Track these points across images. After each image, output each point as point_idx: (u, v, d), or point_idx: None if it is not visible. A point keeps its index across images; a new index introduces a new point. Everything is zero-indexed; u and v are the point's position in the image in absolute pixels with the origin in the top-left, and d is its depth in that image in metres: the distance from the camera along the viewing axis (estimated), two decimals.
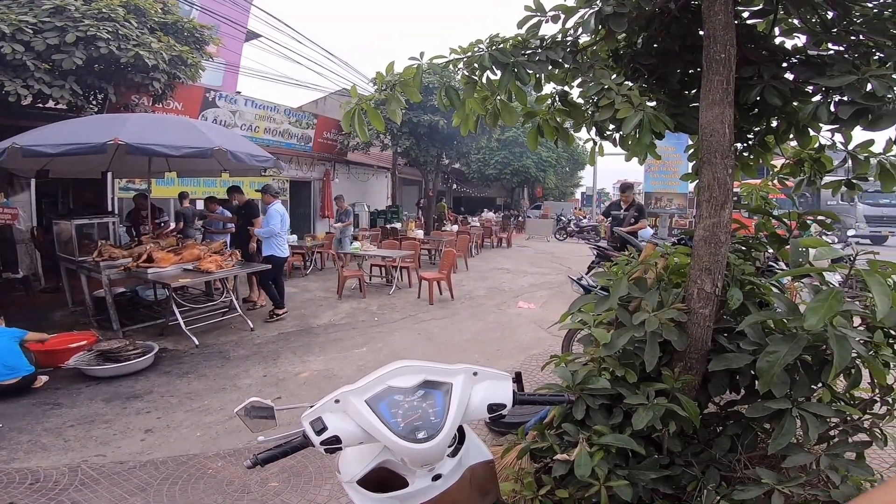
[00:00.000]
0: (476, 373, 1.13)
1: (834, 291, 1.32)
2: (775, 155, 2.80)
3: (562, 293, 8.34)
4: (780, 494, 1.43)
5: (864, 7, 1.91)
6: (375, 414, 1.01)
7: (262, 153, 6.22)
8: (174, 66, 7.18)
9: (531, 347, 5.31)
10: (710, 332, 1.91)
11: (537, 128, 2.52)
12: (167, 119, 6.68)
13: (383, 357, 4.94)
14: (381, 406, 1.02)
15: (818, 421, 1.53)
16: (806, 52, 2.17)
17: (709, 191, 1.85)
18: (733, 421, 1.98)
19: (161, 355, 4.83)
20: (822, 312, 1.28)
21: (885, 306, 1.16)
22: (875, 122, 1.69)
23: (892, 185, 2.30)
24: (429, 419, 1.02)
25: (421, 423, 1.01)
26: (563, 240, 19.78)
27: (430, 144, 14.15)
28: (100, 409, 3.70)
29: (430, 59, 2.13)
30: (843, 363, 1.31)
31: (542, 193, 28.71)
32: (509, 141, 21.03)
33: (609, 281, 2.10)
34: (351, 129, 2.31)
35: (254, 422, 1.13)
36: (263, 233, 6.37)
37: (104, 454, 3.07)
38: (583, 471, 1.54)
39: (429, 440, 0.98)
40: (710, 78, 1.79)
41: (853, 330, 1.49)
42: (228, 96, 11.58)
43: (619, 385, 1.75)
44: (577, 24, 2.06)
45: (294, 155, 13.33)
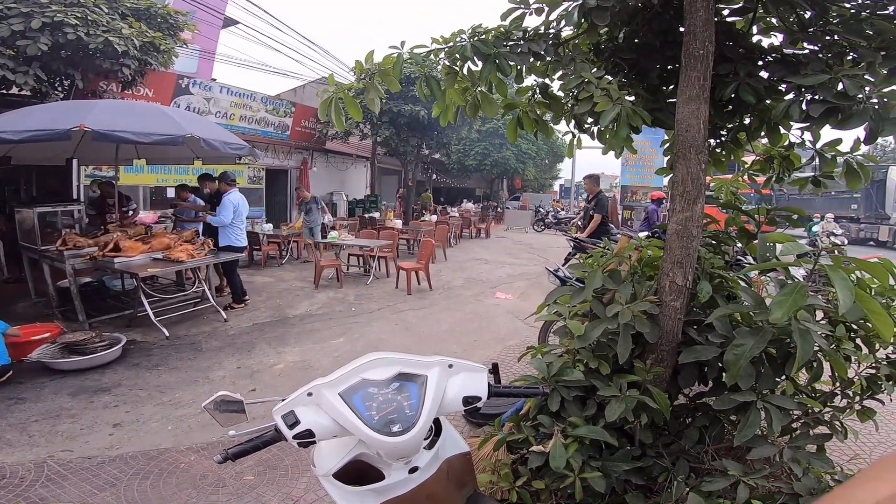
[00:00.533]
0: (451, 365, 1.13)
1: (798, 286, 1.36)
2: (746, 151, 2.87)
3: (539, 284, 8.43)
4: (745, 486, 1.48)
5: (842, 7, 1.96)
6: (349, 407, 0.99)
7: (236, 141, 6.05)
8: (146, 53, 6.99)
9: (508, 338, 5.36)
10: (681, 325, 1.95)
11: (517, 119, 2.52)
12: (136, 105, 6.44)
13: (360, 348, 4.91)
14: (354, 399, 1.01)
15: (782, 413, 1.59)
16: (782, 51, 2.22)
17: (682, 185, 1.88)
18: (702, 413, 2.04)
19: (129, 347, 4.69)
20: (787, 306, 1.32)
21: (848, 301, 1.20)
22: (845, 120, 1.74)
23: (858, 183, 2.38)
24: (403, 412, 1.01)
25: (396, 416, 1.00)
26: (542, 231, 19.97)
27: (411, 134, 14.03)
28: (65, 404, 3.58)
29: (410, 49, 2.10)
30: (805, 356, 1.35)
31: (522, 185, 28.88)
32: (490, 132, 21.02)
33: (584, 273, 2.12)
34: (328, 118, 2.26)
35: (224, 416, 1.10)
36: (214, 221, 6.24)
37: (71, 449, 2.98)
38: (558, 462, 1.57)
39: (404, 433, 0.97)
40: (688, 74, 1.81)
41: (816, 324, 1.55)
42: (203, 83, 11.24)
43: (593, 377, 1.78)
44: (560, 17, 2.06)
45: (271, 143, 13.04)
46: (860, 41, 1.78)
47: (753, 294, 1.70)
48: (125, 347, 4.57)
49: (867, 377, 1.86)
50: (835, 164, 2.39)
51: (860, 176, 2.34)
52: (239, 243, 6.38)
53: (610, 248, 2.18)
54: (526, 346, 4.88)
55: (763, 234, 2.15)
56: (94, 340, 4.33)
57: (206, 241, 6.09)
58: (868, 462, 2.78)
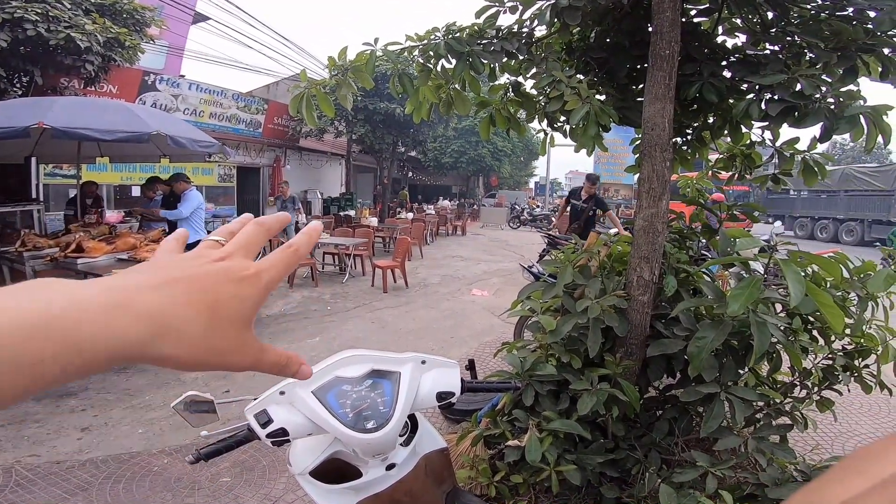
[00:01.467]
0: (424, 361, 1.14)
1: (754, 279, 1.42)
2: (711, 150, 2.97)
3: (514, 280, 8.51)
4: (713, 477, 1.54)
5: (802, 8, 2.04)
6: (323, 404, 0.99)
7: (205, 138, 5.91)
8: (110, 49, 6.78)
9: (484, 334, 5.41)
10: (649, 319, 2.01)
11: (490, 117, 2.54)
12: (99, 102, 6.23)
13: (337, 346, 4.87)
14: (328, 396, 1.01)
15: (744, 405, 1.66)
16: (744, 51, 2.30)
17: (648, 182, 1.94)
18: (671, 405, 2.10)
19: None
20: (743, 299, 1.38)
21: (799, 294, 1.26)
22: (801, 119, 1.81)
23: (814, 180, 2.50)
24: (377, 408, 1.01)
25: (370, 413, 1.00)
26: (517, 228, 20.15)
27: (386, 132, 13.94)
28: (30, 409, 3.44)
29: (384, 46, 2.09)
30: (762, 348, 1.42)
31: (498, 182, 29.07)
32: (466, 130, 21.06)
33: (556, 268, 2.17)
34: (299, 115, 2.24)
35: (194, 416, 1.08)
36: (171, 214, 6.05)
37: (38, 454, 2.89)
38: (533, 456, 1.60)
39: (378, 430, 0.98)
40: (655, 73, 1.86)
41: (773, 316, 1.62)
42: (170, 80, 10.91)
43: (565, 371, 1.82)
44: (533, 16, 2.08)
45: (242, 140, 12.76)
46: (817, 42, 1.86)
47: (714, 288, 1.77)
48: None
49: (824, 368, 1.95)
50: (793, 161, 2.50)
51: (816, 173, 2.46)
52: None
53: (580, 245, 2.23)
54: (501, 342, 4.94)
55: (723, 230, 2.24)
56: None
57: None
58: (830, 452, 2.92)
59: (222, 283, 0.34)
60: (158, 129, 4.98)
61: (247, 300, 0.35)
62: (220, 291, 0.34)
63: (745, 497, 1.56)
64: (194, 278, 0.33)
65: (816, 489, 0.27)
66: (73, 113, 4.81)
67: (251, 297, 0.35)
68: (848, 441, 3.19)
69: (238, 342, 0.35)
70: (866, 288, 1.79)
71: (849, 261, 1.96)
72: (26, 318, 0.26)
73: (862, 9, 1.92)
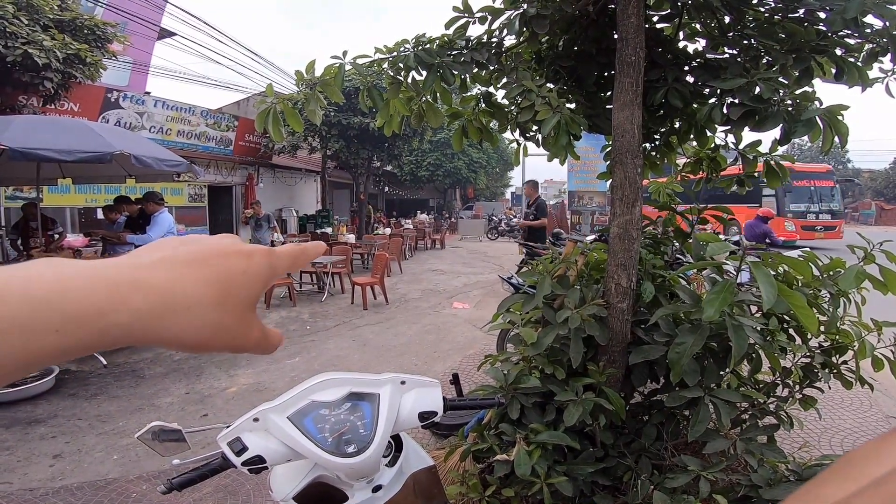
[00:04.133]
0: (404, 381, 1.10)
1: (727, 283, 1.43)
2: (678, 154, 3.03)
3: (495, 292, 8.51)
4: (706, 481, 1.52)
5: (757, 12, 2.10)
6: (300, 430, 0.96)
7: (172, 157, 5.75)
8: (70, 65, 6.57)
9: (467, 347, 5.36)
10: (629, 325, 2.01)
11: (462, 128, 2.54)
12: (58, 121, 6.00)
13: (318, 367, 4.74)
14: (305, 421, 0.98)
15: (729, 406, 1.66)
16: (704, 56, 2.36)
17: (621, 189, 1.95)
18: (657, 410, 2.09)
19: (63, 377, 4.35)
20: (717, 304, 1.38)
21: (771, 296, 1.26)
22: (761, 123, 1.85)
23: (777, 182, 2.57)
24: (358, 432, 0.99)
25: (350, 437, 0.97)
26: (495, 239, 20.27)
27: (361, 147, 13.89)
28: None
29: (353, 59, 2.06)
30: (741, 350, 1.42)
31: (474, 194, 29.27)
32: (441, 142, 21.19)
33: (535, 280, 2.15)
34: (265, 131, 2.19)
35: (164, 445, 1.03)
36: (138, 239, 5.79)
37: (10, 481, 2.77)
38: (523, 470, 1.56)
39: (359, 454, 0.95)
40: (622, 80, 1.88)
41: (749, 318, 1.63)
42: (135, 97, 10.65)
43: (550, 382, 1.79)
44: (502, 26, 2.09)
45: (213, 158, 12.51)
46: (773, 44, 1.92)
47: (690, 292, 1.78)
48: (59, 377, 4.24)
49: (803, 366, 1.97)
50: (755, 164, 2.56)
51: (779, 175, 2.53)
52: None
53: (558, 254, 2.22)
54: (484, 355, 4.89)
55: (696, 234, 2.26)
56: None
57: None
58: (818, 449, 2.96)
59: (233, 258, 0.34)
60: (122, 149, 4.82)
61: (254, 277, 0.34)
62: (232, 267, 0.33)
63: (739, 499, 1.55)
64: (208, 254, 0.33)
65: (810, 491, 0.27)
66: (32, 132, 4.62)
67: (259, 275, 0.35)
68: (834, 437, 3.24)
69: (245, 321, 0.34)
70: (837, 285, 1.83)
71: (818, 259, 2.00)
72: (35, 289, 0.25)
73: (813, 10, 1.99)
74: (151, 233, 5.76)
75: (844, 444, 3.18)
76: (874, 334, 2.02)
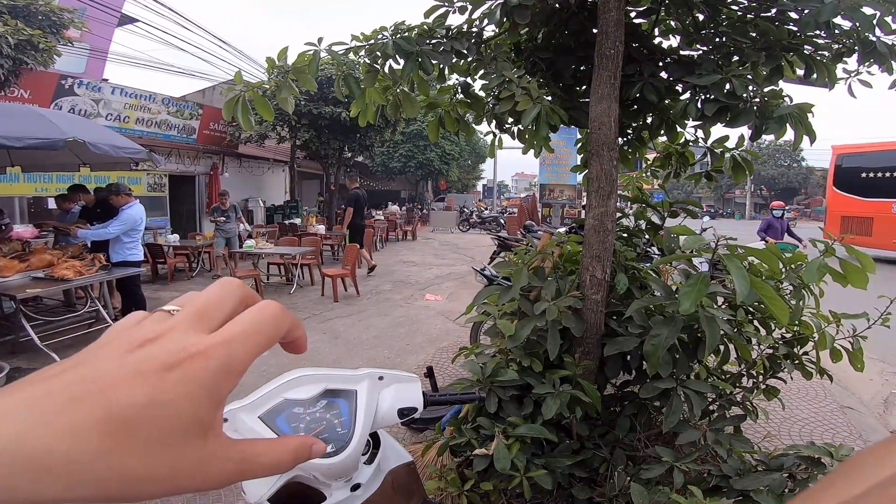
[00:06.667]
0: (382, 377, 1.07)
1: (701, 276, 1.46)
2: (648, 149, 3.09)
3: (467, 284, 8.54)
4: (679, 472, 1.56)
5: (730, 10, 2.14)
6: (272, 430, 0.91)
7: (130, 145, 5.48)
8: (21, 51, 6.23)
9: (440, 340, 5.35)
10: (603, 317, 2.04)
11: (439, 119, 2.50)
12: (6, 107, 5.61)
13: (287, 361, 4.63)
14: (278, 421, 0.93)
15: (699, 397, 1.70)
16: (678, 52, 2.39)
17: (597, 181, 1.96)
18: (629, 401, 2.13)
19: (14, 376, 4.09)
20: (693, 296, 1.41)
21: (744, 289, 1.30)
22: (734, 119, 1.89)
23: (743, 177, 2.65)
24: (335, 430, 0.95)
25: (327, 436, 0.93)
26: (467, 231, 20.32)
27: (332, 137, 13.58)
28: None
29: (328, 46, 1.98)
30: (714, 342, 1.46)
31: (447, 186, 29.22)
32: (413, 134, 21.00)
33: (511, 271, 2.15)
34: (234, 119, 2.09)
35: None
36: (91, 234, 5.47)
37: None
38: (503, 464, 1.56)
39: (337, 453, 0.91)
40: (601, 73, 1.88)
41: (720, 310, 1.68)
42: (90, 83, 10.09)
43: (526, 375, 1.79)
44: (482, 16, 2.06)
45: (174, 147, 11.99)
46: (745, 42, 1.96)
47: (663, 285, 1.81)
48: (9, 376, 3.99)
49: (767, 357, 2.04)
50: (723, 159, 2.64)
51: (745, 169, 2.61)
52: (134, 258, 5.72)
53: (533, 246, 2.22)
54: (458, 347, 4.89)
55: (668, 227, 2.31)
56: None
57: (96, 257, 5.42)
58: (779, 440, 3.09)
59: (125, 390, 0.23)
60: (75, 136, 4.56)
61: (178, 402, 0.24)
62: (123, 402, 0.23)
63: (710, 489, 1.59)
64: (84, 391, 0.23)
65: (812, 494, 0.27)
66: None
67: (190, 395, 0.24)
68: (793, 427, 3.39)
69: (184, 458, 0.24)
70: (800, 278, 1.90)
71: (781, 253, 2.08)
72: None
73: (785, 9, 2.05)
74: (111, 227, 5.44)
75: (803, 433, 3.34)
76: (832, 326, 2.12)
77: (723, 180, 4.62)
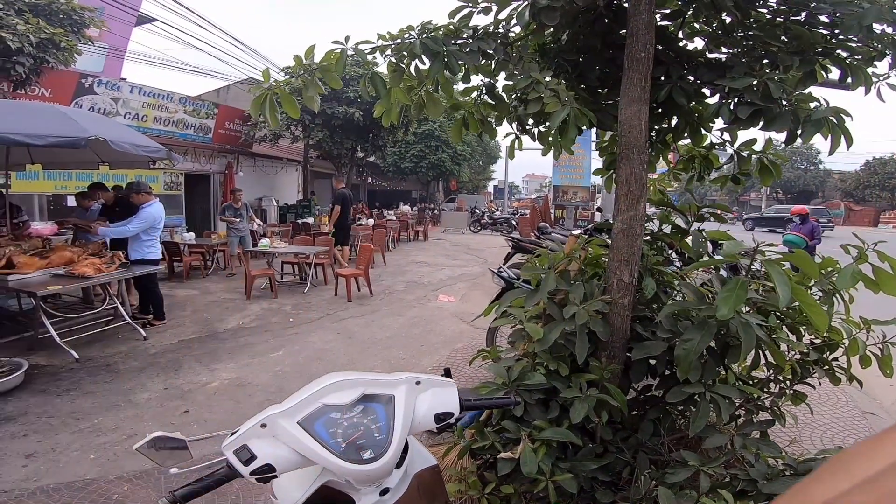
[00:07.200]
0: (419, 382, 1.07)
1: (739, 281, 1.43)
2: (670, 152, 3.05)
3: (480, 285, 8.52)
4: (705, 476, 1.53)
5: (759, 13, 2.10)
6: (312, 436, 0.90)
7: (150, 143, 5.54)
8: (43, 50, 6.35)
9: (455, 341, 5.34)
10: (629, 321, 2.01)
11: (462, 120, 2.49)
12: (29, 105, 5.72)
13: (302, 360, 4.65)
14: (316, 426, 0.92)
15: (728, 402, 1.67)
16: (704, 55, 2.36)
17: (626, 185, 1.93)
18: (651, 406, 2.11)
19: (33, 372, 4.15)
20: (731, 302, 1.38)
21: (787, 295, 1.27)
22: (770, 122, 1.86)
23: (771, 180, 2.60)
24: (372, 436, 0.94)
25: (365, 442, 0.92)
26: (478, 232, 20.29)
27: (345, 137, 13.66)
28: None
29: (355, 45, 1.98)
30: (750, 348, 1.43)
31: (457, 187, 29.23)
32: (425, 134, 21.03)
33: (535, 274, 2.13)
34: (260, 116, 2.10)
35: (161, 454, 0.96)
36: (110, 232, 5.52)
37: None
38: (529, 468, 1.54)
39: (376, 459, 0.90)
40: (631, 76, 1.86)
41: (753, 315, 1.64)
42: (110, 82, 10.27)
43: (554, 379, 1.78)
44: (510, 16, 2.04)
45: (191, 146, 12.14)
46: (778, 45, 1.92)
47: (695, 289, 1.78)
48: (28, 373, 4.04)
49: (798, 362, 2.00)
50: (749, 162, 2.59)
51: (772, 172, 2.56)
52: (152, 256, 5.79)
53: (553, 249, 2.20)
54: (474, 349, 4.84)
55: (696, 231, 2.28)
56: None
57: (116, 255, 5.49)
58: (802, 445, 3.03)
59: None
60: (97, 134, 4.61)
61: None
62: None
63: (736, 493, 1.56)
64: None
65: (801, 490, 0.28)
66: (1, 116, 4.38)
67: None
68: (814, 432, 3.33)
69: None
70: (833, 284, 1.86)
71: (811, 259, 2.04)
72: None
73: (815, 13, 2.00)
74: (131, 224, 5.51)
75: (824, 438, 3.28)
76: (863, 332, 2.07)
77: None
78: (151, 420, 3.41)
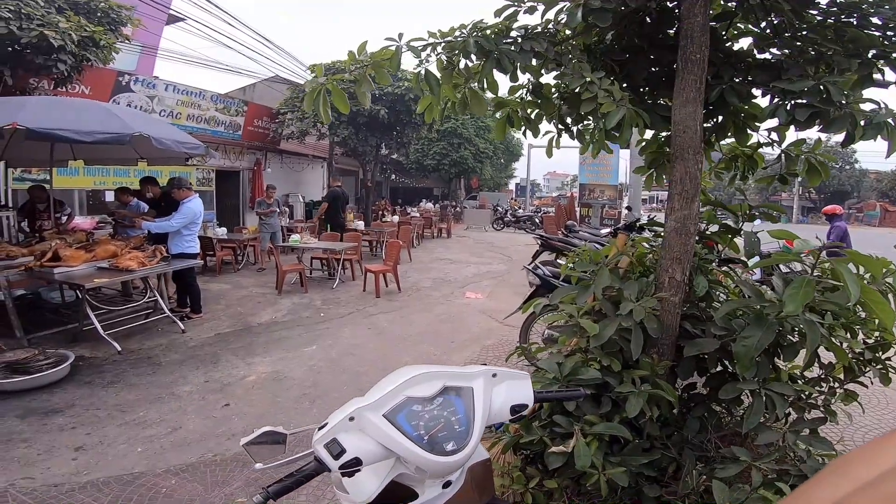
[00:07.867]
0: (495, 374, 1.09)
1: (806, 280, 1.43)
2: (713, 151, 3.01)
3: (506, 282, 8.53)
4: (757, 471, 1.53)
5: (810, 15, 2.07)
6: (396, 428, 0.93)
7: (190, 140, 5.72)
8: (84, 48, 6.51)
9: (484, 338, 5.37)
10: (679, 319, 2.01)
11: (507, 118, 2.50)
12: (74, 102, 5.94)
13: (335, 355, 4.75)
14: (399, 419, 0.94)
15: (782, 399, 1.67)
16: (753, 56, 2.33)
17: (681, 184, 1.93)
18: (696, 403, 2.11)
19: (78, 364, 4.29)
20: (799, 299, 1.38)
21: (857, 293, 1.26)
22: (829, 125, 1.83)
23: (818, 180, 2.55)
24: (453, 428, 0.96)
25: (446, 434, 0.94)
26: (501, 229, 20.26)
27: (370, 134, 13.80)
28: (15, 427, 3.22)
29: (407, 42, 2.02)
30: (814, 345, 1.42)
31: (479, 184, 29.19)
32: (448, 132, 21.07)
33: (576, 272, 2.14)
34: (314, 111, 2.15)
35: (258, 450, 1.00)
36: (157, 227, 5.74)
37: (32, 476, 2.70)
38: (583, 461, 1.56)
39: (457, 452, 0.92)
40: (685, 77, 1.85)
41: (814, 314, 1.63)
42: (146, 80, 10.60)
43: (606, 374, 1.79)
44: (559, 15, 2.05)
45: (221, 143, 12.43)
46: (835, 48, 1.89)
47: (754, 288, 1.77)
48: (73, 364, 4.17)
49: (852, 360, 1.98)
50: (797, 162, 2.54)
51: (820, 173, 2.51)
52: (192, 250, 5.98)
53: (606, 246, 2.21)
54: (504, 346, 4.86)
55: (748, 231, 2.25)
56: (38, 358, 3.94)
57: (157, 248, 5.68)
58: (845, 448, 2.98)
59: None
60: (141, 130, 4.79)
61: None
62: None
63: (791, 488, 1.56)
64: None
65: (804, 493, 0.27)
66: (48, 113, 4.60)
67: None
68: (857, 433, 3.26)
69: None
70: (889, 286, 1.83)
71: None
72: None
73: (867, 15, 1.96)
74: (174, 220, 5.71)
75: (866, 439, 3.21)
76: None
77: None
78: (194, 413, 3.49)
